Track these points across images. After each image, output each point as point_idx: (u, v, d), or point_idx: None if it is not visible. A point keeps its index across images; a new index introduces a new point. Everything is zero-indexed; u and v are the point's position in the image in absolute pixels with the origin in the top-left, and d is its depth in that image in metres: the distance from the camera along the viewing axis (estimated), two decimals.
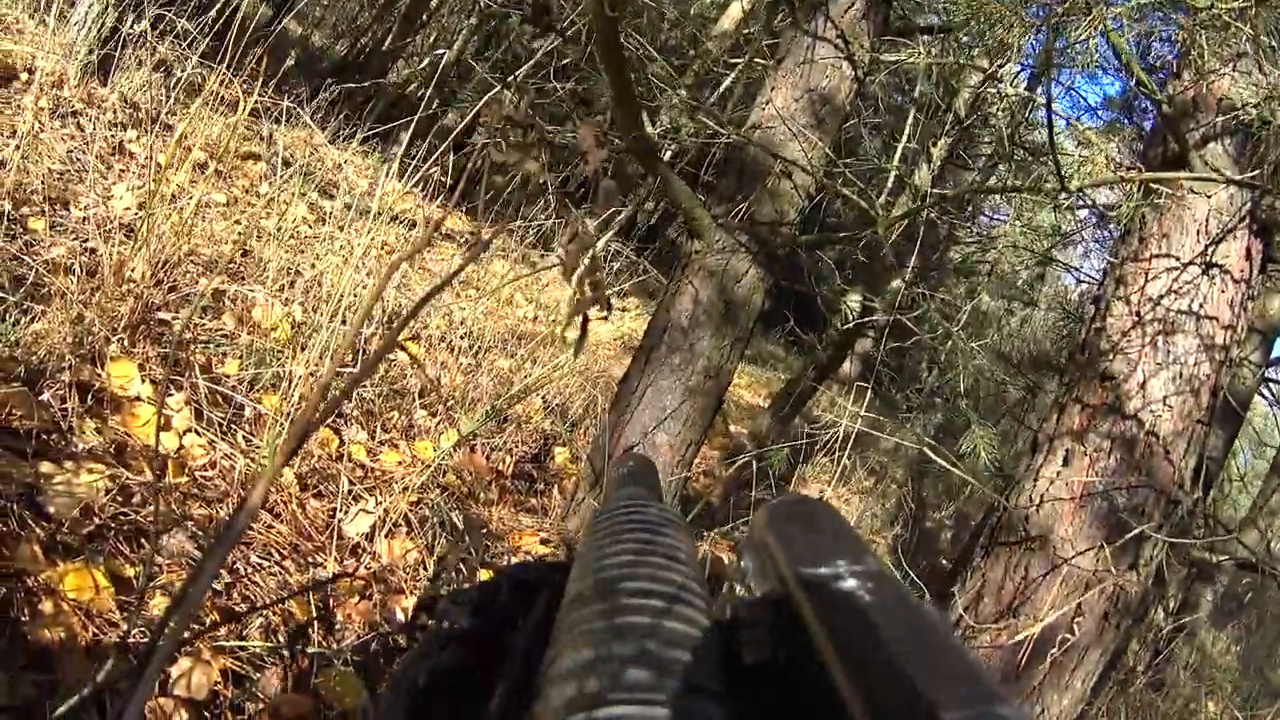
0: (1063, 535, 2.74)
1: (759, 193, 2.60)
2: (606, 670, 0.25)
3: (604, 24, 1.99)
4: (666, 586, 0.30)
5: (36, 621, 1.33)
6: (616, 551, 0.33)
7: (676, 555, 0.33)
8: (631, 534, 0.34)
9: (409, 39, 7.83)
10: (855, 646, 0.24)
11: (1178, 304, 2.82)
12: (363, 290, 3.08)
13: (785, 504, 0.34)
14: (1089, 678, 2.81)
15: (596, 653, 0.26)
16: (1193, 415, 2.79)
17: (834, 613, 0.26)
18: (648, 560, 0.32)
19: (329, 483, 2.21)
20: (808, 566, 0.28)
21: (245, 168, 4.40)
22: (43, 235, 2.41)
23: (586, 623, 0.28)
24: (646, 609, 0.28)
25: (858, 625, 0.25)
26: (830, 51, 2.75)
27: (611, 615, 0.28)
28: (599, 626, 0.28)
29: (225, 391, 2.23)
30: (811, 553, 0.29)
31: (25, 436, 1.68)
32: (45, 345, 1.94)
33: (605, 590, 0.30)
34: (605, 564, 0.32)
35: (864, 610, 0.26)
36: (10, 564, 1.38)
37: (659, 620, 0.28)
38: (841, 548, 0.29)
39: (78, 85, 3.93)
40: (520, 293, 5.06)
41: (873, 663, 0.23)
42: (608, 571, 0.31)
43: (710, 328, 2.57)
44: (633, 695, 0.24)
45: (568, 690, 0.25)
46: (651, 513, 0.37)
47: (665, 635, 0.27)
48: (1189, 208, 2.87)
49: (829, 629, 0.25)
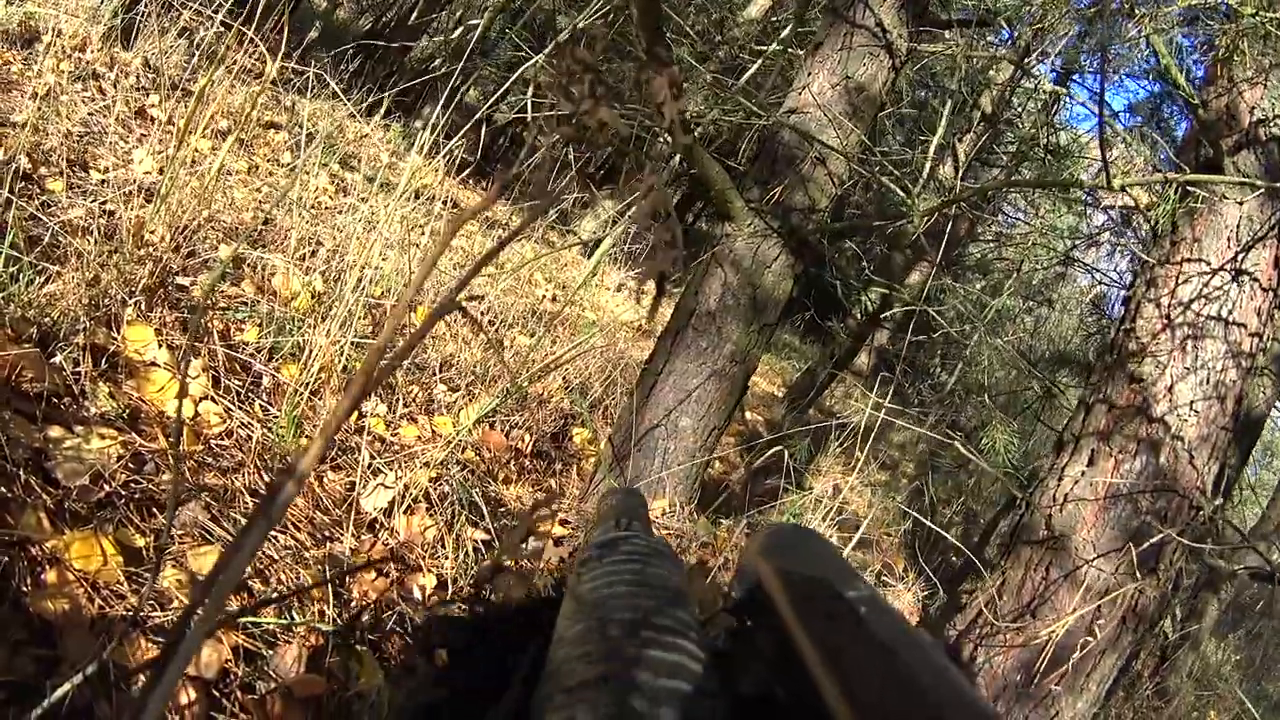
0: (1085, 537, 2.69)
1: (792, 179, 2.51)
2: (601, 703, 0.25)
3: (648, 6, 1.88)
4: (661, 618, 0.29)
5: (39, 592, 1.23)
6: (606, 584, 0.32)
7: (666, 585, 0.32)
8: (623, 568, 0.34)
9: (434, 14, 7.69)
10: (847, 670, 0.23)
11: (1207, 309, 2.78)
12: (384, 262, 2.98)
13: (777, 533, 0.34)
14: (1104, 681, 2.77)
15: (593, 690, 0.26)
16: (1218, 421, 2.76)
17: (828, 638, 0.25)
18: (639, 592, 0.31)
19: (348, 455, 2.11)
20: (802, 594, 0.28)
21: (267, 136, 4.30)
22: (60, 196, 2.31)
23: (579, 659, 0.28)
24: (642, 640, 0.28)
25: (850, 650, 0.24)
26: (867, 39, 2.66)
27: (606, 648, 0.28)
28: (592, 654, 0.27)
29: (244, 359, 2.12)
30: (804, 580, 0.29)
31: (35, 399, 1.58)
32: (59, 307, 1.83)
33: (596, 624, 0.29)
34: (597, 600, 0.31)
35: (859, 635, 0.25)
36: (14, 531, 1.28)
37: (653, 652, 0.27)
38: (834, 572, 0.29)
39: (100, 49, 3.82)
40: (540, 272, 4.96)
41: (869, 689, 0.22)
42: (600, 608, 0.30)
43: (738, 312, 2.49)
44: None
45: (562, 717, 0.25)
46: (641, 545, 0.37)
47: (660, 667, 0.26)
48: (1221, 214, 2.82)
49: (822, 653, 0.24)
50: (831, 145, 2.45)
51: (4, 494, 1.32)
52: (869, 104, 2.66)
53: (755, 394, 6.70)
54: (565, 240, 6.23)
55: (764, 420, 5.23)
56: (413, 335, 0.66)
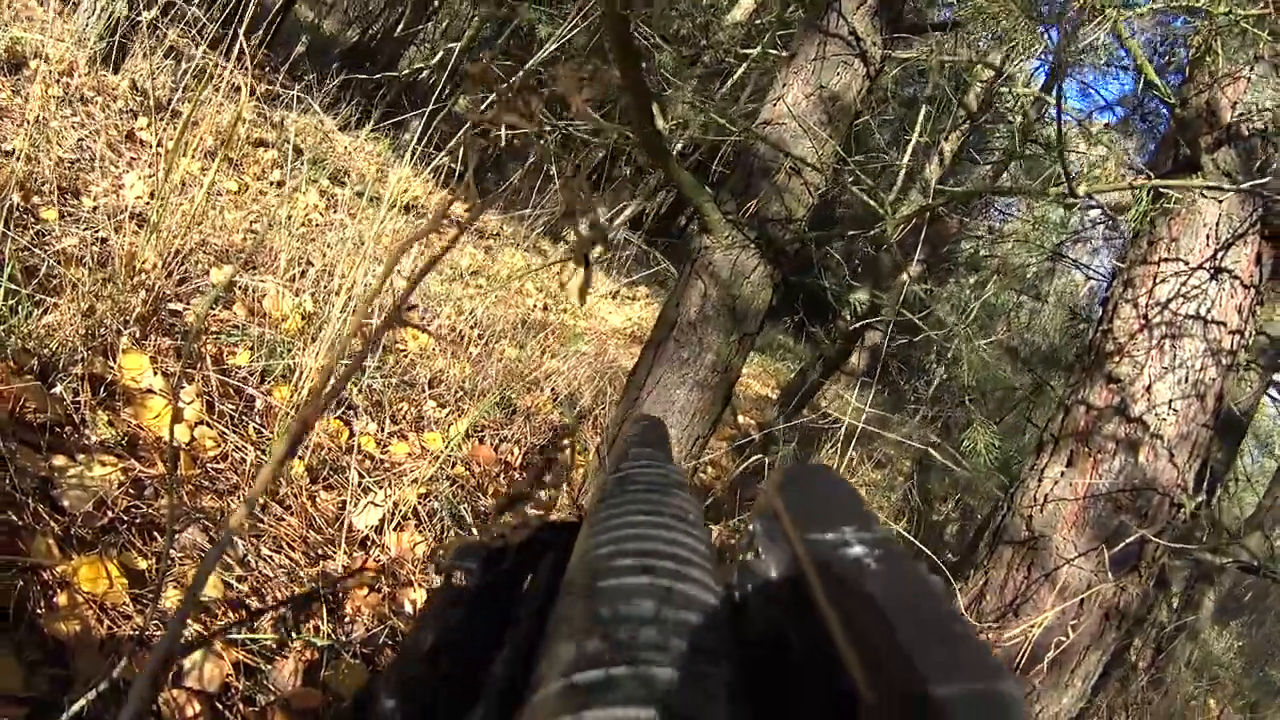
0: (1065, 536, 2.75)
1: (768, 189, 2.61)
2: (610, 631, 0.25)
3: (615, 21, 2.00)
4: (675, 549, 0.30)
5: (52, 614, 1.36)
6: (625, 513, 0.32)
7: (685, 518, 0.33)
8: (641, 496, 0.34)
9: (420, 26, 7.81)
10: (857, 615, 0.24)
11: (1185, 308, 2.82)
12: (374, 280, 3.10)
13: (796, 471, 0.33)
14: (1089, 677, 2.83)
15: (601, 613, 0.26)
16: (1198, 419, 2.80)
17: (837, 579, 0.26)
18: (656, 523, 0.32)
19: (339, 474, 2.23)
20: (815, 532, 0.28)
21: (256, 155, 4.41)
22: (54, 225, 2.42)
23: (593, 582, 0.28)
24: (654, 570, 0.28)
25: (860, 593, 0.25)
26: (842, 48, 2.75)
27: (619, 576, 0.28)
28: (605, 587, 0.27)
29: (236, 384, 2.25)
30: (819, 519, 0.29)
31: (39, 429, 1.70)
32: (57, 338, 1.95)
33: (613, 552, 0.29)
34: (613, 525, 0.32)
35: (868, 578, 0.25)
36: (25, 557, 1.40)
37: (666, 582, 0.28)
38: (850, 515, 0.29)
39: (88, 73, 3.94)
40: (531, 282, 5.08)
41: (873, 632, 0.23)
42: (616, 533, 0.31)
43: (719, 323, 2.59)
44: (638, 655, 0.24)
45: (572, 649, 0.25)
46: (661, 474, 0.37)
47: (673, 597, 0.27)
48: (1199, 212, 2.87)
49: (831, 596, 0.25)
50: (804, 157, 2.55)
51: (15, 522, 1.45)
52: (844, 113, 2.75)
53: (749, 396, 6.81)
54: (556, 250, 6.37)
55: (756, 423, 5.34)
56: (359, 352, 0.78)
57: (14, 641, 1.28)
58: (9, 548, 1.39)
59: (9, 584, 1.33)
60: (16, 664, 1.24)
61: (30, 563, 1.39)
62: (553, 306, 4.85)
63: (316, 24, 9.11)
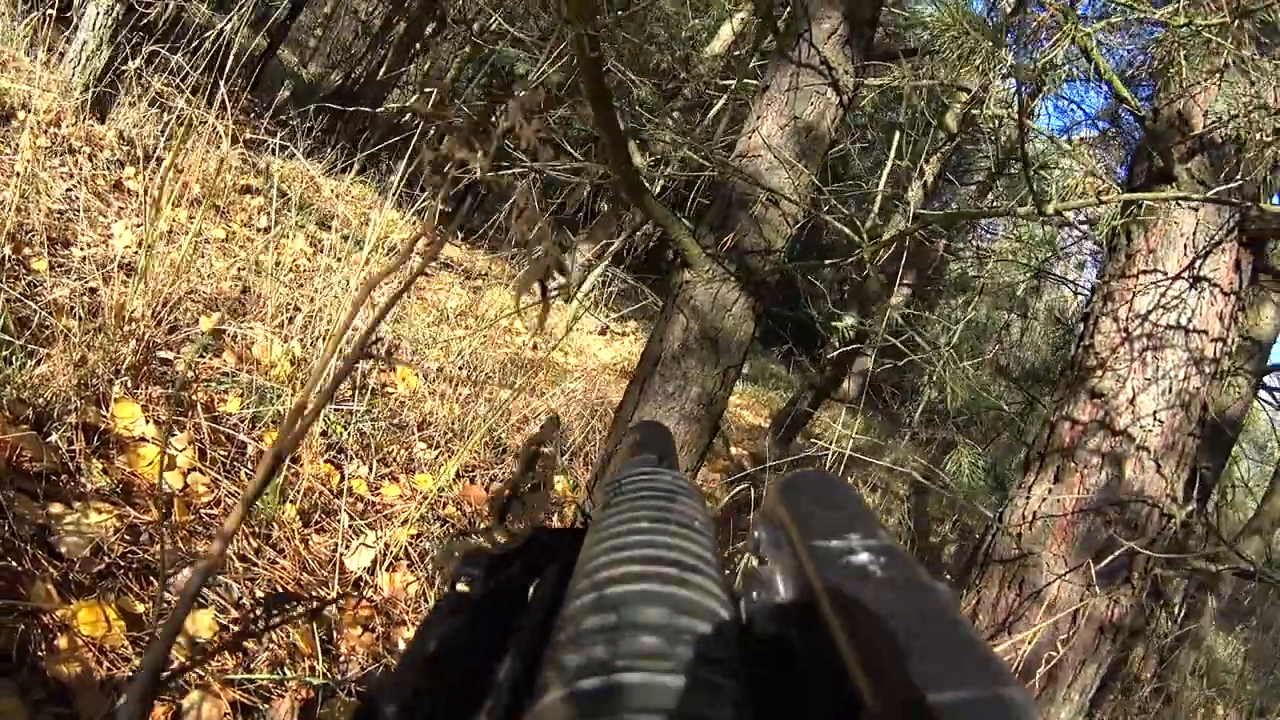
0: (1055, 552, 2.80)
1: (746, 221, 2.68)
2: (615, 638, 0.25)
3: (587, 64, 2.09)
4: (681, 555, 0.30)
5: (53, 657, 1.42)
6: (631, 520, 0.33)
7: (691, 524, 0.33)
8: (647, 503, 0.35)
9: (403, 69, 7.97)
10: (861, 622, 0.24)
11: (1166, 319, 2.88)
12: (364, 323, 3.19)
13: (800, 477, 0.34)
14: (1086, 691, 2.86)
15: (606, 620, 0.26)
16: (1183, 429, 2.85)
17: (842, 586, 0.26)
18: (662, 529, 0.32)
19: (330, 518, 2.30)
20: (820, 539, 0.28)
21: (243, 202, 4.50)
22: (45, 276, 2.51)
23: (597, 590, 0.28)
24: (660, 577, 0.28)
25: (864, 600, 0.25)
26: (815, 78, 2.81)
27: (624, 582, 0.28)
28: (610, 593, 0.28)
29: (227, 431, 2.32)
30: (824, 526, 0.29)
31: (35, 478, 1.77)
32: (51, 388, 2.03)
33: (618, 559, 0.30)
34: (619, 532, 0.32)
35: (872, 585, 0.26)
36: (26, 602, 1.47)
37: (671, 589, 0.28)
38: (855, 522, 0.29)
39: (75, 123, 4.04)
40: (520, 321, 5.16)
41: (877, 639, 0.23)
42: (621, 539, 0.31)
43: (702, 356, 2.65)
44: (643, 663, 0.24)
45: (577, 656, 0.25)
46: (667, 480, 0.37)
47: (678, 604, 0.27)
48: (1176, 222, 2.93)
49: (835, 603, 0.25)
50: (779, 188, 2.63)
51: (15, 568, 1.52)
52: (818, 142, 2.81)
53: (741, 427, 6.87)
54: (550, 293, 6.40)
55: (749, 454, 5.40)
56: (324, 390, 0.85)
57: (18, 683, 1.34)
58: (10, 593, 1.45)
59: (11, 628, 1.40)
60: (21, 705, 1.31)
61: (31, 607, 1.46)
62: (542, 345, 4.93)
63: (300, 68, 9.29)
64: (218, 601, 1.84)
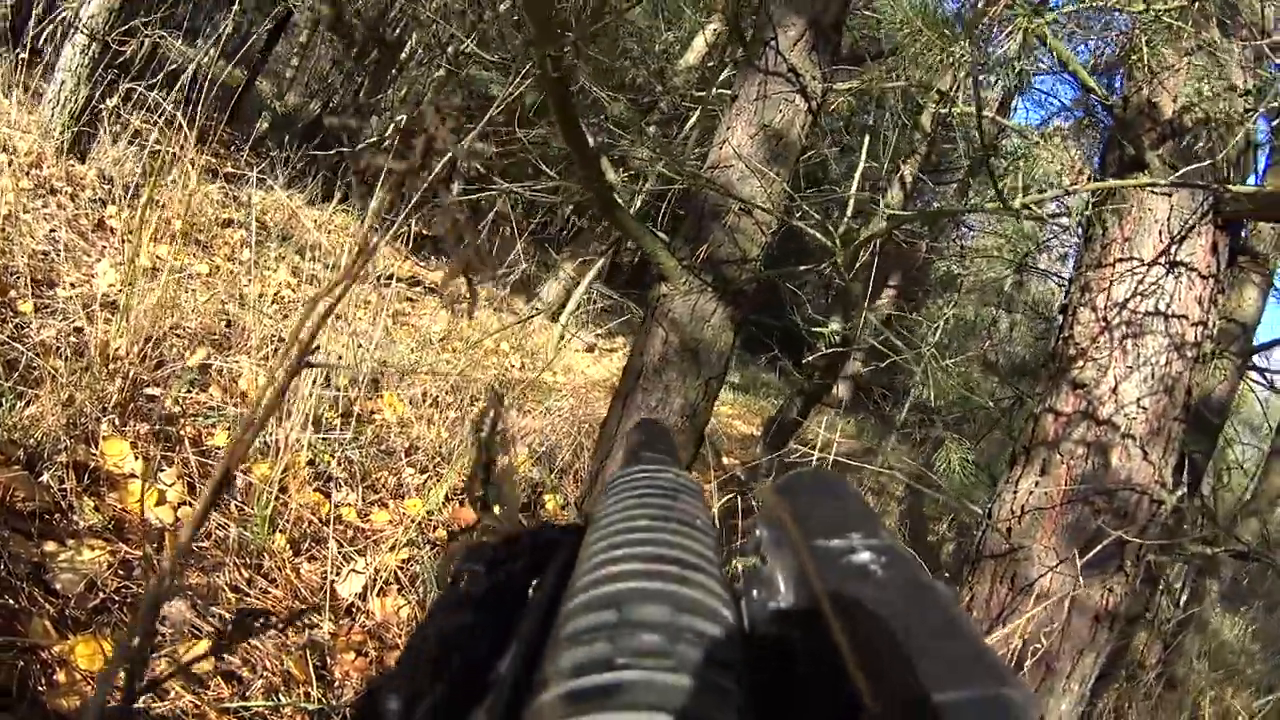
0: (1045, 545, 2.83)
1: (720, 232, 2.74)
2: (616, 635, 0.25)
3: (552, 85, 2.17)
4: (682, 553, 0.30)
5: (53, 691, 1.49)
6: (633, 518, 0.33)
7: (693, 523, 0.33)
8: (648, 500, 0.35)
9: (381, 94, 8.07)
10: (861, 622, 0.25)
11: (1144, 305, 2.91)
12: (356, 350, 3.26)
13: (801, 476, 0.34)
14: (1086, 681, 2.88)
15: (606, 618, 0.26)
16: (1168, 414, 2.88)
17: (842, 586, 0.26)
18: (663, 527, 0.32)
19: (321, 546, 2.37)
20: (820, 538, 0.29)
21: (225, 235, 4.57)
22: (31, 318, 2.57)
23: (598, 586, 0.28)
24: (661, 574, 0.28)
25: (865, 599, 0.26)
26: (783, 86, 2.88)
27: (625, 579, 0.28)
28: (611, 590, 0.28)
29: (215, 464, 2.39)
30: (825, 525, 0.29)
31: (29, 517, 1.84)
32: (41, 428, 2.10)
33: (619, 556, 0.30)
34: (620, 529, 0.32)
35: (873, 585, 0.26)
36: (24, 638, 1.54)
37: (672, 587, 0.28)
38: (856, 521, 0.30)
39: (55, 163, 4.12)
40: (506, 342, 5.24)
41: (878, 639, 0.24)
42: (622, 537, 0.31)
43: (683, 368, 2.70)
44: (643, 660, 0.24)
45: (577, 653, 0.25)
46: (669, 478, 0.37)
47: (679, 601, 0.27)
48: (1149, 209, 2.96)
49: (836, 603, 0.26)
50: (751, 197, 2.68)
51: (12, 605, 1.59)
52: (789, 149, 2.87)
53: (733, 437, 6.93)
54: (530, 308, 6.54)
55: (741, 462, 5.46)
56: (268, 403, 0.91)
57: (18, 717, 1.41)
58: (8, 630, 1.52)
59: (10, 664, 1.46)
60: None
61: (29, 643, 1.53)
62: (529, 365, 5.00)
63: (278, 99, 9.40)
64: (211, 631, 1.91)
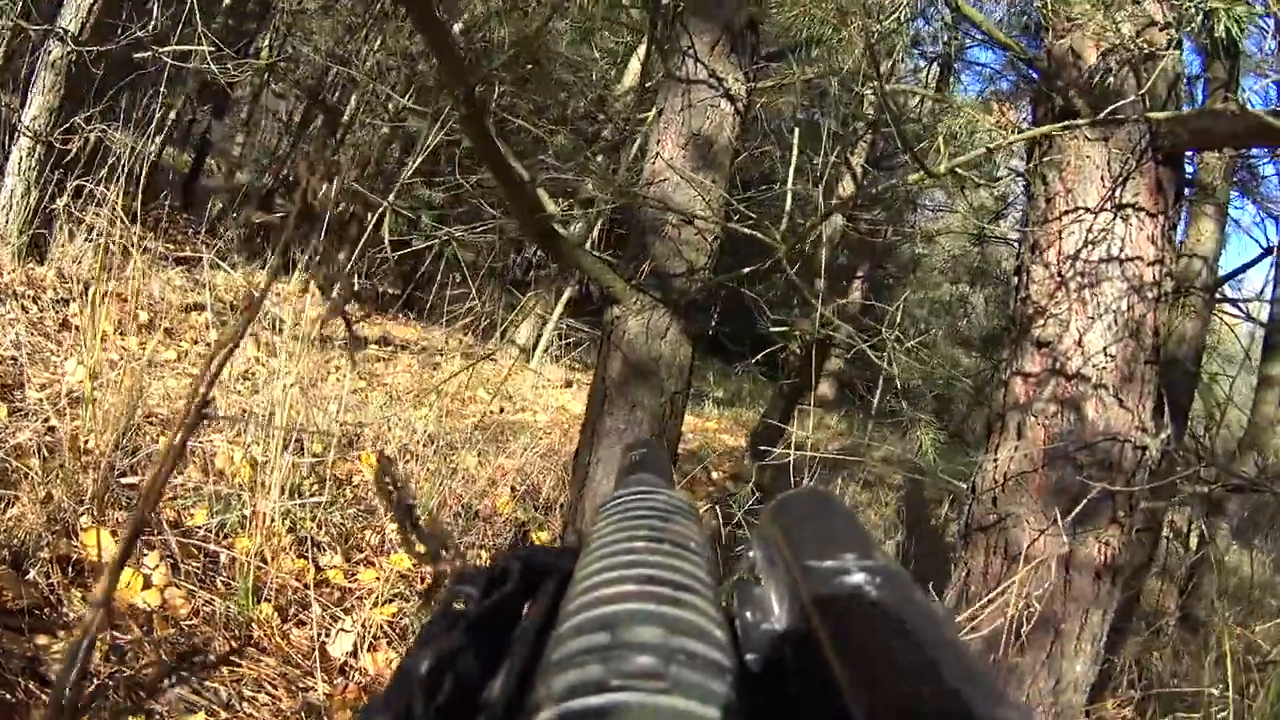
0: (1032, 508, 2.87)
1: (664, 246, 2.83)
2: (609, 657, 0.26)
3: (470, 123, 2.29)
4: (675, 575, 0.30)
5: None
6: (626, 539, 0.33)
7: (686, 544, 0.33)
8: (641, 522, 0.35)
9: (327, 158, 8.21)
10: (855, 642, 0.25)
11: (1097, 253, 2.94)
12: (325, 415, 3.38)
13: (794, 496, 0.35)
14: (1098, 639, 2.90)
15: (600, 639, 0.27)
16: (1138, 358, 2.91)
17: (836, 607, 0.27)
18: (656, 549, 0.32)
19: (308, 610, 2.47)
20: (814, 559, 0.29)
21: (190, 319, 4.70)
22: (5, 422, 2.68)
23: (591, 609, 0.29)
24: (654, 596, 0.29)
25: (860, 621, 0.26)
26: (707, 92, 2.95)
27: (618, 602, 0.29)
28: (604, 612, 0.28)
29: (196, 543, 2.51)
30: (818, 546, 0.30)
31: (19, 614, 1.95)
32: (23, 528, 2.22)
33: (613, 579, 0.30)
34: (613, 552, 0.32)
35: (867, 606, 0.27)
36: None
37: (666, 608, 0.28)
38: (850, 541, 0.30)
39: (15, 268, 4.26)
40: (482, 387, 5.35)
41: (871, 659, 0.24)
42: (615, 559, 0.32)
43: (646, 387, 2.78)
44: (636, 682, 0.25)
45: (570, 676, 0.25)
46: (661, 500, 0.38)
47: (672, 623, 0.27)
48: (1088, 156, 2.99)
49: (830, 623, 0.26)
50: (689, 207, 2.75)
51: (9, 700, 1.70)
52: (722, 154, 2.95)
53: (721, 451, 6.98)
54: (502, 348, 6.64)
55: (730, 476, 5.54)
56: (164, 457, 0.99)
57: None
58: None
59: None
60: None
61: None
62: (509, 408, 5.11)
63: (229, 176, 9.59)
64: (206, 704, 2.01)
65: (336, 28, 7.99)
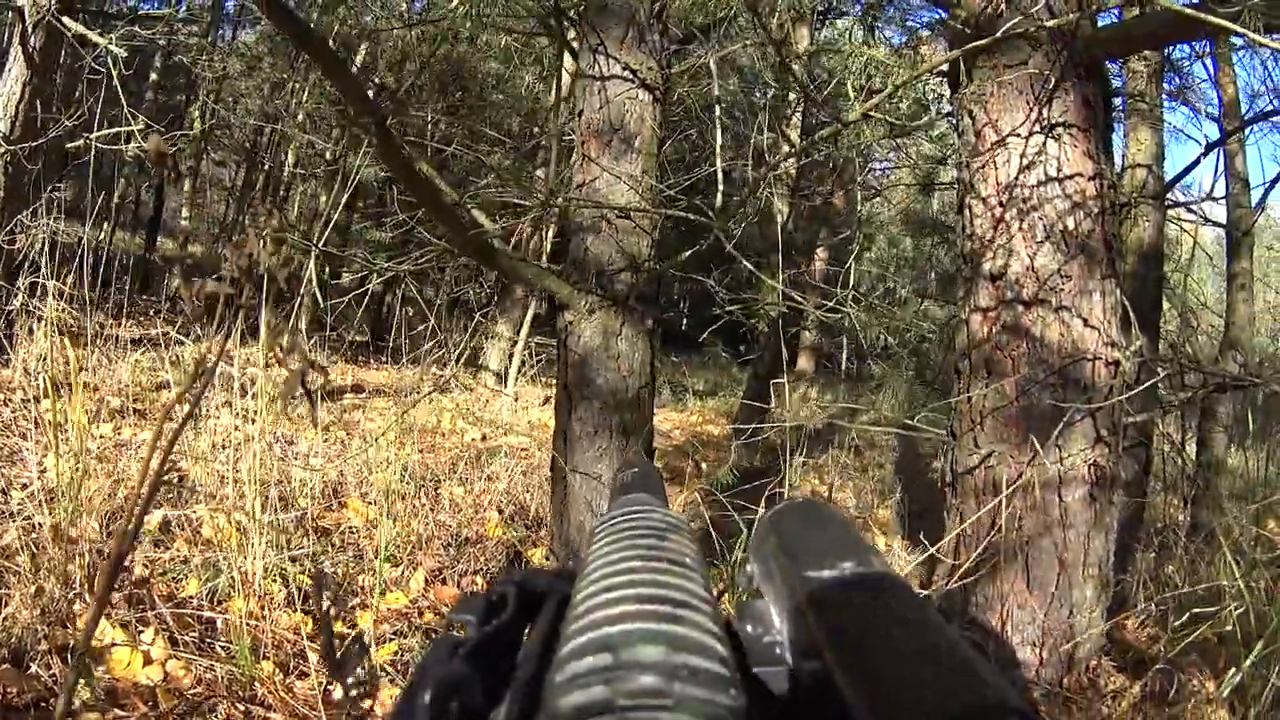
0: (1014, 441, 2.90)
1: (603, 244, 2.89)
2: (611, 677, 0.26)
3: (389, 156, 2.36)
4: (673, 593, 0.31)
5: None
6: (623, 559, 0.34)
7: (683, 561, 0.34)
8: (638, 542, 0.36)
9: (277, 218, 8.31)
10: (855, 649, 0.26)
11: (1034, 176, 2.97)
12: (305, 470, 3.47)
13: (788, 508, 0.35)
14: (1104, 562, 2.94)
15: (602, 660, 0.27)
16: (1094, 273, 2.94)
17: (835, 614, 0.27)
18: (654, 567, 0.33)
19: (308, 662, 2.54)
20: (812, 569, 0.30)
21: (162, 398, 4.77)
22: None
23: (592, 630, 0.29)
24: (654, 615, 0.29)
25: (859, 626, 0.26)
26: (623, 86, 3.02)
27: (618, 622, 0.29)
28: (606, 633, 0.29)
29: (191, 612, 2.59)
30: (815, 555, 0.31)
31: (24, 709, 2.03)
32: (19, 624, 2.29)
33: (612, 599, 0.31)
34: (611, 572, 0.33)
35: (866, 611, 0.27)
36: None
37: (666, 627, 0.28)
38: (846, 549, 0.30)
39: None
40: (462, 418, 5.43)
41: (873, 664, 0.25)
42: (614, 579, 0.32)
43: (610, 388, 2.83)
44: (639, 701, 0.25)
45: (576, 697, 0.26)
46: (657, 519, 0.39)
47: (672, 642, 0.28)
48: (1009, 83, 3.01)
49: (831, 631, 0.27)
50: (625, 201, 2.82)
51: None
52: (648, 142, 3.00)
53: (709, 443, 7.03)
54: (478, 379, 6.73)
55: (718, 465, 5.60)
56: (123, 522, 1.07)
57: None
58: None
59: None
60: None
61: None
62: (491, 434, 5.18)
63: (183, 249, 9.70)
64: None
65: (263, 86, 8.12)
